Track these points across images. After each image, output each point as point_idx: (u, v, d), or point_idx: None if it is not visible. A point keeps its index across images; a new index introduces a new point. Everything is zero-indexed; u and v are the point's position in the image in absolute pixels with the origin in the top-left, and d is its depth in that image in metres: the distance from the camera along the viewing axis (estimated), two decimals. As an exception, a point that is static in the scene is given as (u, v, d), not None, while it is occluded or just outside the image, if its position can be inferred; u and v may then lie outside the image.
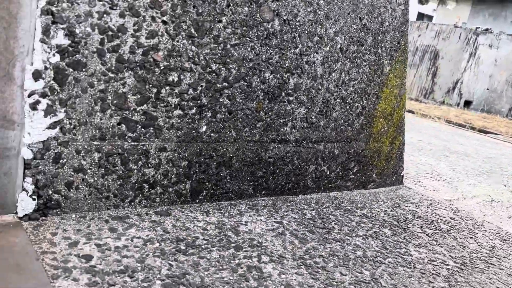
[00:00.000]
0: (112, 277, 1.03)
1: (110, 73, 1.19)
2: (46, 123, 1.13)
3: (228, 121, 1.48)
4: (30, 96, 1.08)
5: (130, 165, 1.31)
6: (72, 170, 1.21)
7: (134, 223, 1.29)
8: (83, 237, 1.16)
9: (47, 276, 0.97)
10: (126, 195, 1.34)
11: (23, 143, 1.11)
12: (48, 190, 1.19)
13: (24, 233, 1.12)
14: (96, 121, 1.21)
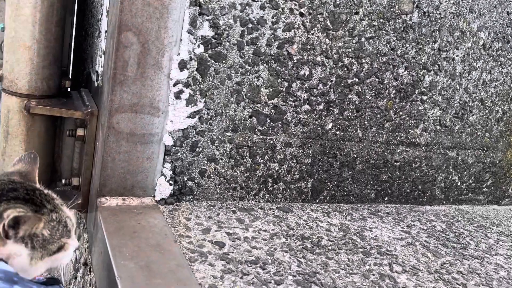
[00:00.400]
0: (245, 267, 1.02)
1: (247, 65, 1.20)
2: (187, 112, 1.17)
3: (355, 119, 1.41)
4: (175, 85, 1.13)
5: (257, 158, 1.31)
6: (206, 159, 1.24)
7: (259, 216, 1.29)
8: (214, 225, 1.18)
9: (186, 259, 1.00)
10: (251, 187, 1.34)
11: (165, 130, 1.17)
12: (183, 177, 1.23)
13: (162, 216, 1.16)
14: (231, 113, 1.23)
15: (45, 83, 1.20)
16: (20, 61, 1.15)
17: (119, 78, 1.07)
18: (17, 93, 1.17)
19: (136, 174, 1.18)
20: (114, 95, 1.08)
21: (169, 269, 0.94)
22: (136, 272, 0.91)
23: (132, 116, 1.12)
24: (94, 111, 1.20)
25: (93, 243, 1.16)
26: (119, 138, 1.12)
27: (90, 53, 1.40)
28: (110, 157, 1.13)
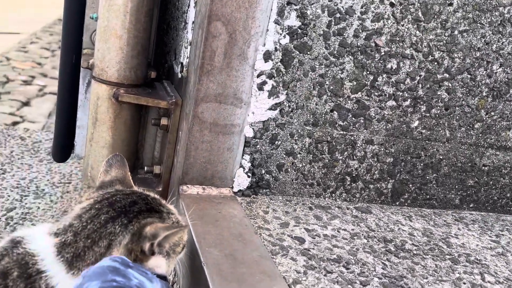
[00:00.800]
0: (327, 264, 0.98)
1: (331, 57, 1.16)
2: (268, 104, 1.15)
3: (443, 117, 1.32)
4: (258, 76, 1.12)
5: (336, 155, 1.27)
6: (285, 152, 1.22)
7: (336, 214, 1.24)
8: (292, 220, 1.15)
9: (267, 251, 0.98)
10: (328, 185, 1.30)
11: (246, 122, 1.16)
12: (261, 170, 1.22)
13: (240, 207, 1.16)
14: (312, 106, 1.20)
15: (133, 72, 1.24)
16: (111, 50, 1.19)
17: (206, 68, 1.08)
18: (107, 81, 1.22)
19: (216, 164, 1.18)
20: (200, 84, 1.09)
21: (252, 260, 0.92)
22: (221, 260, 0.90)
23: (216, 106, 1.12)
24: (178, 101, 1.22)
25: (173, 230, 1.18)
26: (202, 128, 1.13)
27: (173, 45, 1.43)
28: (193, 146, 1.14)
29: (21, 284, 0.65)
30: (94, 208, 0.72)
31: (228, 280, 0.85)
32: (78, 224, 0.71)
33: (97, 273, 0.63)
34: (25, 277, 0.66)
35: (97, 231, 0.69)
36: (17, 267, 0.66)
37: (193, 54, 1.15)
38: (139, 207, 0.73)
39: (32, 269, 0.67)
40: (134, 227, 0.70)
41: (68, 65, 1.34)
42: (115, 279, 0.62)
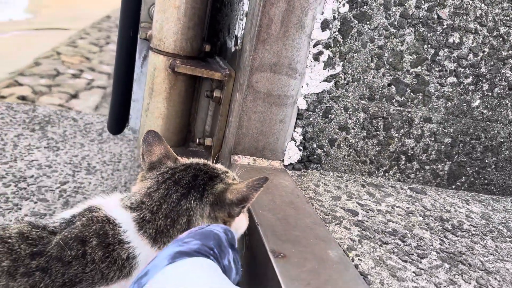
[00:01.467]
0: (383, 236, 0.95)
1: (392, 28, 1.13)
2: (323, 75, 1.14)
3: (506, 98, 1.25)
4: (315, 46, 1.10)
5: (392, 132, 1.23)
6: (338, 127, 1.20)
7: (390, 193, 1.20)
8: (343, 194, 1.13)
9: (320, 219, 0.96)
10: (382, 163, 1.26)
11: (300, 93, 1.14)
12: (313, 144, 1.20)
13: (291, 179, 1.14)
14: (368, 79, 1.17)
15: (189, 44, 1.26)
16: (169, 20, 1.21)
17: (262, 36, 1.07)
18: (164, 52, 1.24)
19: (268, 136, 1.17)
20: (256, 53, 1.08)
21: (306, 225, 0.91)
22: (275, 222, 0.89)
23: (270, 76, 1.11)
24: (232, 73, 1.23)
25: (223, 199, 1.18)
26: (256, 98, 1.13)
27: (226, 22, 1.44)
28: (246, 116, 1.14)
29: (99, 252, 0.68)
30: (162, 188, 0.76)
31: (282, 240, 0.84)
32: (151, 202, 0.75)
33: (203, 234, 0.65)
34: (103, 246, 0.68)
35: (173, 210, 0.74)
36: (95, 236, 0.69)
37: (249, 24, 1.15)
38: (202, 178, 0.78)
39: (111, 239, 0.70)
40: (210, 198, 0.75)
41: (126, 38, 1.37)
42: (214, 249, 0.63)
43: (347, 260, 0.83)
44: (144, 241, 0.72)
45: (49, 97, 5.89)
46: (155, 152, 0.84)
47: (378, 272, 0.82)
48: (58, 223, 0.73)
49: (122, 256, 0.70)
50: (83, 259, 0.67)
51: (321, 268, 0.78)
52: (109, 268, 0.68)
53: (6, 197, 1.73)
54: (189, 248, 0.62)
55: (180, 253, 0.60)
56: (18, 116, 2.52)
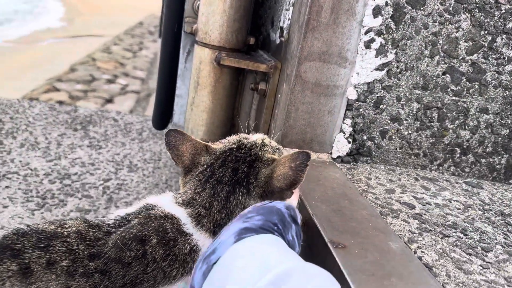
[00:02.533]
0: (443, 229, 0.90)
1: (446, 14, 1.08)
2: (375, 63, 1.10)
3: None
4: (366, 33, 1.07)
5: (446, 123, 1.17)
6: (389, 118, 1.15)
7: (445, 187, 1.15)
8: (397, 188, 1.08)
9: (377, 211, 0.92)
10: (436, 156, 1.20)
11: (350, 83, 1.11)
12: (363, 135, 1.16)
13: (341, 171, 1.11)
14: (422, 68, 1.12)
15: (234, 36, 1.25)
16: (215, 13, 1.21)
17: (312, 24, 1.05)
18: (209, 45, 1.24)
19: (315, 128, 1.15)
20: (305, 42, 1.06)
21: (362, 217, 0.87)
22: (330, 214, 0.86)
23: (319, 66, 1.08)
24: (278, 65, 1.21)
25: (271, 192, 1.16)
26: (304, 88, 1.10)
27: (269, 15, 1.42)
28: (294, 107, 1.12)
29: (160, 250, 0.66)
30: (208, 187, 0.76)
31: (340, 231, 0.80)
32: (202, 199, 0.75)
33: (265, 209, 0.64)
34: (164, 243, 0.67)
35: (225, 206, 0.74)
36: (155, 234, 0.68)
37: (296, 14, 1.12)
38: (242, 171, 0.77)
39: (171, 234, 0.69)
40: (257, 191, 0.75)
41: (170, 34, 1.38)
42: (277, 224, 0.62)
43: (409, 252, 0.79)
44: (204, 234, 0.72)
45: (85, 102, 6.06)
46: (184, 154, 0.81)
47: (443, 264, 0.78)
48: (112, 221, 0.72)
49: (184, 250, 0.68)
50: (143, 259, 0.65)
51: (384, 259, 0.74)
52: (171, 266, 0.67)
53: (52, 193, 1.77)
54: (254, 224, 0.61)
55: (246, 229, 0.59)
56: (61, 117, 2.59)
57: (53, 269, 0.62)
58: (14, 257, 0.61)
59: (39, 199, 1.71)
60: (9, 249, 0.62)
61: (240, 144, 0.82)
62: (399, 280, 0.70)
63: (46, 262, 0.62)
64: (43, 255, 0.62)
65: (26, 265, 0.61)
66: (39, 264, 0.62)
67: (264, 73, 1.25)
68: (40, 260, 0.62)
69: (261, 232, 0.59)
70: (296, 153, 0.74)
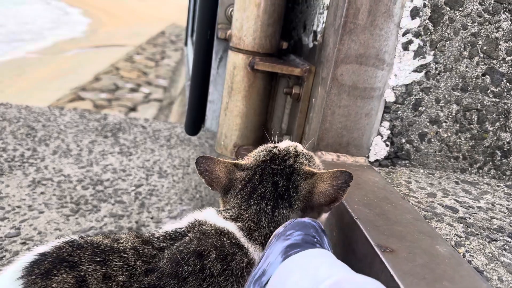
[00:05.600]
0: (489, 233, 0.88)
1: (486, 14, 1.06)
2: (413, 65, 1.08)
3: None
4: (404, 35, 1.06)
5: (486, 125, 1.15)
6: (428, 120, 1.13)
7: (487, 190, 1.12)
8: (438, 191, 1.06)
9: (421, 215, 0.90)
10: (475, 159, 1.18)
11: (387, 85, 1.10)
12: (401, 139, 1.15)
13: (379, 175, 1.09)
14: (461, 69, 1.10)
15: (268, 41, 1.25)
16: (250, 18, 1.22)
17: (349, 27, 1.04)
18: (243, 50, 1.25)
19: (352, 131, 1.14)
20: (341, 44, 1.06)
21: (407, 221, 0.86)
22: (373, 217, 0.85)
23: (356, 68, 1.08)
24: (312, 68, 1.21)
25: (308, 196, 1.15)
26: (341, 91, 1.10)
27: (301, 19, 1.43)
28: (330, 110, 1.11)
29: (218, 265, 0.67)
30: (253, 204, 0.77)
31: (386, 235, 0.79)
32: (249, 215, 0.77)
33: (300, 224, 0.66)
34: (221, 258, 0.68)
35: (271, 220, 0.75)
36: (214, 249, 0.68)
37: (331, 17, 1.12)
38: (282, 185, 0.78)
39: (229, 249, 0.69)
40: (299, 205, 0.77)
41: (203, 40, 1.39)
42: (316, 236, 0.64)
43: (458, 256, 0.77)
44: (257, 248, 0.73)
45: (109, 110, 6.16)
46: (220, 175, 0.83)
47: (493, 268, 0.76)
48: (162, 236, 0.72)
49: (241, 264, 0.69)
50: (201, 273, 0.65)
51: (433, 263, 0.73)
52: (226, 281, 0.67)
53: (86, 199, 1.81)
54: (296, 239, 0.62)
55: (291, 246, 0.61)
56: (91, 124, 2.64)
57: (109, 284, 0.62)
58: (71, 269, 0.62)
59: (73, 205, 1.75)
60: (66, 261, 0.63)
61: (272, 155, 0.83)
62: (451, 284, 0.68)
63: (102, 276, 0.62)
64: (99, 269, 0.63)
65: (82, 278, 0.61)
66: (95, 277, 0.62)
67: (298, 77, 1.25)
68: (96, 274, 0.62)
69: (306, 246, 0.60)
70: (338, 172, 0.76)
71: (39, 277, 0.60)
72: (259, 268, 0.62)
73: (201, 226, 0.73)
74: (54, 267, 0.62)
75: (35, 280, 0.60)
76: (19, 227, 1.54)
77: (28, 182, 1.85)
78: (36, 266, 0.62)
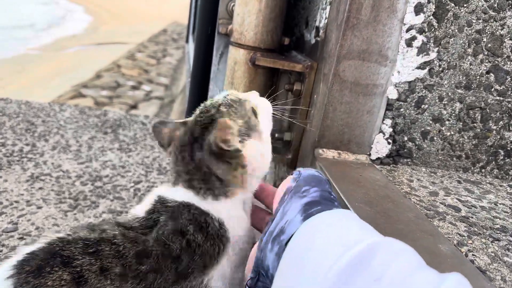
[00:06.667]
0: (492, 232, 0.86)
1: (491, 11, 1.04)
2: (417, 62, 1.07)
3: None
4: (407, 31, 1.04)
5: (490, 124, 1.13)
6: (431, 118, 1.12)
7: (489, 190, 1.10)
8: (440, 190, 1.04)
9: (423, 214, 0.89)
10: (478, 158, 1.16)
11: (390, 82, 1.08)
12: (403, 136, 1.13)
13: (381, 173, 1.08)
14: (465, 66, 1.08)
15: (269, 36, 1.24)
16: (251, 13, 1.20)
17: (352, 22, 1.03)
18: (244, 45, 1.23)
19: (353, 128, 1.12)
20: (344, 40, 1.04)
21: (408, 219, 0.84)
22: (374, 216, 0.83)
23: (359, 64, 1.06)
24: (314, 64, 1.19)
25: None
26: (343, 87, 1.08)
27: (303, 15, 1.41)
28: (331, 107, 1.09)
29: (199, 235, 0.68)
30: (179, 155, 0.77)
31: (387, 233, 0.77)
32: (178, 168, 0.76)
33: (315, 179, 0.63)
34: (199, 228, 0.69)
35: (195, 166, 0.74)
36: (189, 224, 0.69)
37: (334, 12, 1.11)
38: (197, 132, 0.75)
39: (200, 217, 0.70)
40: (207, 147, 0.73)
41: (204, 36, 1.38)
42: (331, 192, 0.62)
43: (461, 255, 0.75)
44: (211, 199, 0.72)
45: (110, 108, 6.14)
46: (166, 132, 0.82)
47: (496, 268, 0.74)
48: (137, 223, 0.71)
49: (215, 226, 0.70)
50: (189, 247, 0.66)
51: (435, 262, 0.71)
52: (212, 246, 0.68)
53: (85, 195, 1.79)
54: (313, 196, 0.60)
55: (309, 204, 0.59)
56: (91, 120, 2.63)
57: (107, 275, 0.60)
58: (65, 265, 0.59)
59: (72, 201, 1.74)
60: (59, 256, 0.60)
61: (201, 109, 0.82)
62: (454, 284, 0.67)
63: (99, 268, 0.61)
64: (94, 262, 0.61)
65: (79, 274, 0.59)
66: (93, 271, 0.60)
67: (299, 73, 1.24)
68: (92, 267, 0.60)
69: (325, 203, 0.58)
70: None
71: (30, 275, 0.57)
72: (276, 225, 0.59)
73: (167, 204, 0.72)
74: (47, 264, 0.59)
75: (26, 279, 0.57)
76: (16, 222, 1.53)
77: (26, 177, 1.84)
78: (26, 263, 0.59)
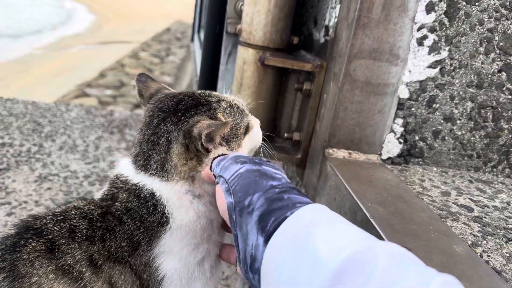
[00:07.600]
0: (506, 232, 0.86)
1: (503, 9, 1.03)
2: (428, 61, 1.06)
3: None
4: (419, 30, 1.04)
5: (501, 123, 1.12)
6: (443, 117, 1.11)
7: (501, 189, 1.09)
8: (452, 190, 1.04)
9: (436, 214, 0.88)
10: (490, 158, 1.15)
11: (401, 81, 1.08)
12: (414, 136, 1.13)
13: (392, 173, 1.07)
14: (477, 65, 1.07)
15: (278, 36, 1.23)
16: (260, 12, 1.20)
17: (363, 21, 1.02)
18: (253, 45, 1.23)
19: (364, 128, 1.12)
20: (355, 39, 1.03)
21: (422, 219, 0.84)
22: (388, 216, 0.83)
23: (370, 63, 1.06)
24: (323, 64, 1.19)
25: (319, 194, 1.14)
26: (353, 87, 1.08)
27: (312, 14, 1.41)
28: (342, 107, 1.09)
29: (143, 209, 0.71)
30: (148, 117, 0.76)
31: (401, 233, 0.77)
32: (140, 135, 0.76)
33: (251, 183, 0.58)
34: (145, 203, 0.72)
35: (154, 133, 0.73)
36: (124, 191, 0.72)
37: (344, 11, 1.10)
38: (185, 104, 0.75)
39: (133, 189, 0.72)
40: (184, 125, 0.71)
41: (212, 35, 1.38)
42: (272, 184, 0.58)
43: (475, 256, 0.75)
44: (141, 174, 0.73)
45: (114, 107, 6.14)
46: (152, 86, 0.84)
47: (512, 270, 0.74)
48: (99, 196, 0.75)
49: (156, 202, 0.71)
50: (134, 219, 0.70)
51: (450, 262, 0.71)
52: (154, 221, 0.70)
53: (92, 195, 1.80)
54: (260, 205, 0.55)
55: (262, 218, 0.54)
56: (97, 120, 2.63)
57: (75, 238, 0.64)
58: (38, 235, 0.63)
59: (80, 200, 1.74)
60: (31, 229, 0.64)
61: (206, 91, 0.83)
62: (470, 284, 0.66)
63: (68, 231, 0.64)
64: (63, 225, 0.65)
65: (51, 241, 0.62)
66: (63, 236, 0.63)
67: (309, 72, 1.23)
68: (62, 231, 0.64)
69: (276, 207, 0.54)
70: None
71: (6, 252, 0.60)
72: (244, 252, 0.56)
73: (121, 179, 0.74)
74: (21, 238, 0.62)
75: (2, 257, 0.60)
76: (25, 222, 1.53)
77: (34, 178, 1.84)
78: (1, 244, 0.62)
